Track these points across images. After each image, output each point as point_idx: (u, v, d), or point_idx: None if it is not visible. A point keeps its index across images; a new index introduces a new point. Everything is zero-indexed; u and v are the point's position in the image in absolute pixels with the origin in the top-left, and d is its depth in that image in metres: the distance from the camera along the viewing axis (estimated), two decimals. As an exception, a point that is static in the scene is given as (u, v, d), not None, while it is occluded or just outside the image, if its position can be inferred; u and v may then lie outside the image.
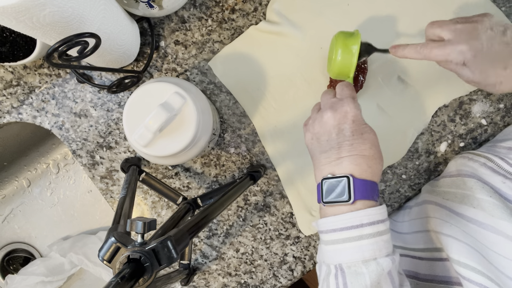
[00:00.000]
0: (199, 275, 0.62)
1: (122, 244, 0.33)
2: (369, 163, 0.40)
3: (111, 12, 0.46)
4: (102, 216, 0.85)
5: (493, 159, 0.47)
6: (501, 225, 0.40)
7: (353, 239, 0.38)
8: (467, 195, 0.46)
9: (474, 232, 0.42)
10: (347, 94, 0.43)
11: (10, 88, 0.61)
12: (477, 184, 0.45)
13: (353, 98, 0.43)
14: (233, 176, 0.61)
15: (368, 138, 0.41)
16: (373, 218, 0.38)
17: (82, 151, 0.61)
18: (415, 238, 0.53)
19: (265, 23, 0.59)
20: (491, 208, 0.41)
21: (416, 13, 0.58)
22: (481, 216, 0.42)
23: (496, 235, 0.40)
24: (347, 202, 0.38)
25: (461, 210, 0.45)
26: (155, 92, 0.45)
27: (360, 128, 0.41)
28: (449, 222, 0.46)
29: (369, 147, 0.40)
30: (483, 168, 0.47)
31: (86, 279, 0.86)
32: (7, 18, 0.35)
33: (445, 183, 0.52)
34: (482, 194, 0.43)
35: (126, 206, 0.45)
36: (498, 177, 0.44)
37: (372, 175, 0.40)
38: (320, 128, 0.43)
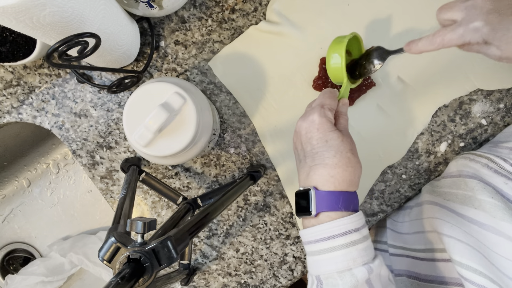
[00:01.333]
0: (199, 275, 0.62)
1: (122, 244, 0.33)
2: (332, 172, 0.39)
3: (111, 12, 0.46)
4: (102, 216, 0.85)
5: (495, 159, 0.46)
6: (503, 227, 0.39)
7: (326, 250, 0.38)
8: (468, 196, 0.46)
9: (475, 233, 0.42)
10: (317, 102, 0.43)
11: (10, 88, 0.61)
12: (478, 185, 0.45)
13: (321, 106, 0.42)
14: (233, 176, 0.61)
15: (333, 145, 0.40)
16: (344, 228, 0.38)
17: (82, 151, 0.61)
18: (416, 239, 0.53)
19: (265, 23, 0.59)
20: (493, 209, 0.41)
21: (416, 12, 0.58)
22: (482, 217, 0.42)
23: (498, 236, 0.39)
24: (310, 215, 0.39)
25: (462, 210, 0.45)
26: (155, 92, 0.45)
27: (325, 135, 0.40)
28: (450, 223, 0.45)
29: (332, 155, 0.39)
30: (484, 169, 0.47)
31: (86, 279, 0.86)
32: (7, 18, 0.35)
33: (446, 183, 0.52)
34: (484, 195, 0.43)
35: (126, 206, 0.45)
36: (500, 178, 0.44)
37: (336, 184, 0.39)
38: (296, 137, 0.43)
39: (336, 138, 0.40)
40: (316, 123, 0.41)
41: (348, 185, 0.39)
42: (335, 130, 0.41)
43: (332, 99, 0.44)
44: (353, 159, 0.40)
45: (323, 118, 0.41)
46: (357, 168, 0.40)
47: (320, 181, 0.39)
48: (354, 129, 0.59)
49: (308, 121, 0.42)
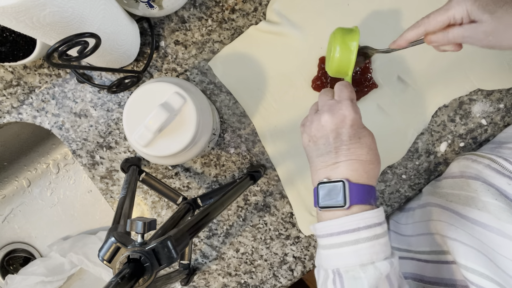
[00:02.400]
0: (199, 275, 0.62)
1: (122, 244, 0.33)
2: (366, 168, 0.40)
3: (111, 12, 0.46)
4: (102, 216, 0.85)
5: (498, 160, 0.46)
6: (508, 228, 0.39)
7: (350, 243, 0.38)
8: (471, 197, 0.45)
9: (479, 235, 0.42)
10: (345, 96, 0.42)
11: (10, 88, 0.61)
12: (482, 186, 0.45)
13: (351, 100, 0.42)
14: (233, 176, 0.61)
15: (366, 142, 0.40)
16: (369, 222, 0.38)
17: (82, 151, 0.61)
18: (420, 241, 0.52)
19: (265, 23, 0.59)
20: (497, 211, 0.41)
21: (416, 12, 0.58)
22: (486, 218, 0.42)
23: (503, 238, 0.39)
24: (343, 207, 0.38)
25: (466, 212, 0.45)
26: (155, 92, 0.45)
27: (358, 132, 0.40)
28: (454, 225, 0.45)
29: (366, 152, 0.40)
30: (487, 170, 0.46)
31: (86, 279, 0.86)
32: (7, 18, 0.35)
33: (447, 184, 0.52)
34: (488, 197, 0.43)
35: (126, 206, 0.45)
36: (504, 179, 0.44)
37: (369, 179, 0.40)
38: (318, 131, 0.42)
39: (367, 135, 0.41)
40: (349, 119, 0.40)
41: (375, 180, 0.41)
42: (365, 127, 0.41)
43: (353, 92, 0.43)
44: (379, 156, 0.41)
45: (356, 114, 0.41)
46: (379, 165, 0.42)
47: (353, 175, 0.39)
48: (354, 129, 0.59)
49: (338, 116, 0.40)
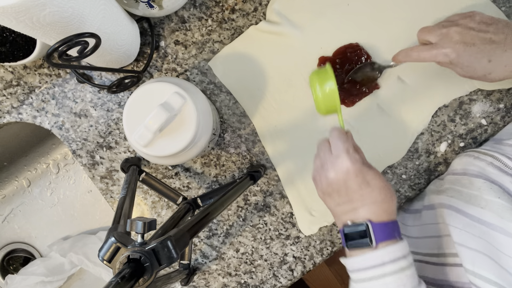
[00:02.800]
0: (199, 275, 0.62)
1: (122, 244, 0.33)
2: (383, 207, 0.42)
3: (111, 12, 0.46)
4: (102, 216, 0.85)
5: (500, 158, 0.46)
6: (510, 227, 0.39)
7: (377, 277, 0.40)
8: (474, 195, 0.46)
9: (484, 234, 0.42)
10: (341, 149, 0.43)
11: (10, 88, 0.61)
12: (485, 184, 0.45)
13: (347, 152, 0.43)
14: (233, 176, 0.61)
15: (375, 184, 0.42)
16: (394, 256, 0.40)
17: (82, 151, 0.61)
18: (428, 243, 0.52)
19: (265, 23, 0.59)
20: (501, 209, 0.41)
21: (416, 13, 0.58)
22: (489, 216, 0.42)
23: (506, 237, 0.40)
24: (370, 246, 0.41)
25: (470, 210, 0.45)
26: (155, 92, 0.45)
27: (365, 178, 0.42)
28: (460, 228, 0.45)
29: (378, 193, 0.42)
30: (490, 167, 0.47)
31: (86, 279, 0.86)
32: (7, 18, 0.35)
33: (450, 180, 0.52)
34: (491, 195, 0.43)
35: (126, 206, 0.45)
36: (507, 177, 0.44)
37: (388, 216, 0.42)
38: (328, 187, 0.44)
39: (374, 177, 0.42)
40: (352, 171, 0.42)
41: (395, 213, 0.43)
42: (369, 169, 0.43)
43: (348, 140, 0.44)
44: (391, 189, 0.44)
45: (356, 164, 0.42)
46: (395, 196, 0.44)
47: (374, 216, 0.42)
48: (354, 128, 0.59)
49: (342, 171, 0.42)
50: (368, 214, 0.42)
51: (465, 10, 0.57)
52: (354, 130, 0.59)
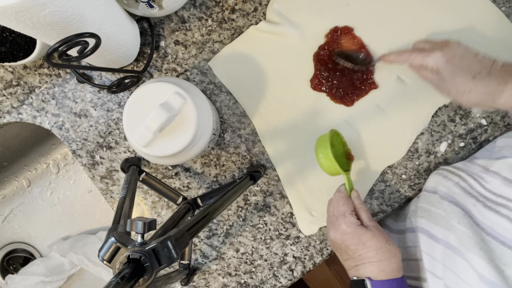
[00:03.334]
0: (199, 275, 0.62)
1: (122, 244, 0.33)
2: (381, 267, 0.44)
3: (111, 12, 0.46)
4: (102, 216, 0.85)
5: (467, 179, 0.48)
6: (470, 257, 0.41)
7: None
8: (441, 215, 0.48)
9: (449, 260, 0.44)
10: (340, 212, 0.48)
11: (10, 88, 0.61)
12: (449, 207, 0.47)
13: (343, 215, 0.47)
14: (233, 176, 0.61)
15: (372, 245, 0.45)
16: None
17: (82, 151, 0.61)
18: (411, 266, 0.53)
19: (265, 23, 0.59)
20: (461, 235, 0.43)
21: (415, 13, 0.58)
22: (453, 240, 0.44)
23: (465, 263, 0.42)
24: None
25: (437, 232, 0.48)
26: (155, 92, 0.45)
27: (361, 239, 0.45)
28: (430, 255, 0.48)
29: (375, 254, 0.45)
30: (456, 188, 0.49)
31: (86, 279, 0.86)
32: (7, 18, 0.35)
33: (423, 198, 0.54)
34: (453, 220, 0.45)
35: (126, 206, 0.45)
36: (470, 199, 0.46)
37: (387, 275, 0.44)
38: (332, 244, 0.49)
39: (370, 238, 0.45)
40: (347, 232, 0.46)
41: (397, 273, 0.45)
42: (366, 231, 0.46)
43: (347, 203, 0.49)
44: (392, 249, 0.45)
45: (351, 226, 0.46)
46: (397, 254, 0.46)
47: (372, 274, 0.45)
48: (354, 129, 0.59)
49: (339, 232, 0.47)
50: (367, 272, 0.45)
51: (465, 10, 0.57)
52: (354, 130, 0.59)
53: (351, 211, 0.48)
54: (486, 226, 0.42)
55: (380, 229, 0.47)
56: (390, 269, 0.44)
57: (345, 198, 0.49)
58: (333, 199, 0.51)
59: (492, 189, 0.45)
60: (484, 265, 0.39)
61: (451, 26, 0.57)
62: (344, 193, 0.51)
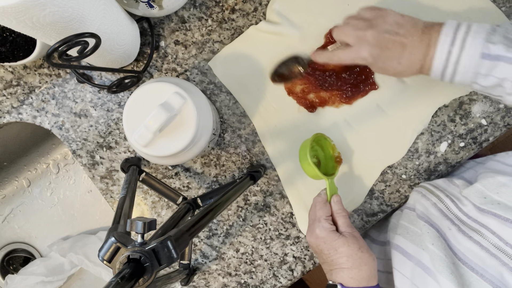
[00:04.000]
0: (199, 275, 0.62)
1: (122, 244, 0.33)
2: (350, 274, 0.45)
3: (111, 12, 0.46)
4: (102, 216, 0.85)
5: (444, 200, 0.49)
6: (440, 280, 0.41)
7: None
8: (418, 234, 0.48)
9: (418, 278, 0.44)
10: (318, 215, 0.49)
11: (10, 88, 0.61)
12: (424, 227, 0.47)
13: (318, 220, 0.48)
14: (233, 176, 0.61)
15: (343, 252, 0.45)
16: None
17: (82, 151, 0.61)
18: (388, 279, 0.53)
19: (265, 23, 0.59)
20: (433, 256, 0.43)
21: (415, 12, 0.58)
22: (427, 260, 0.44)
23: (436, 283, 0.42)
24: None
25: (412, 251, 0.48)
26: (155, 92, 0.45)
27: (333, 245, 0.46)
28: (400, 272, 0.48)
29: (346, 260, 0.45)
30: (433, 209, 0.49)
31: (86, 279, 0.86)
32: (7, 18, 0.35)
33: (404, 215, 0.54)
34: (427, 241, 0.46)
35: (126, 206, 0.45)
36: (446, 222, 0.46)
37: (357, 282, 0.44)
38: (311, 247, 0.50)
39: (342, 244, 0.45)
40: (320, 237, 0.47)
41: (368, 281, 0.45)
42: (339, 237, 0.46)
43: (323, 208, 0.49)
44: (364, 257, 0.46)
45: (323, 232, 0.47)
46: (370, 263, 0.45)
47: (343, 280, 0.45)
48: (354, 129, 0.59)
49: (313, 236, 0.48)
50: (338, 278, 0.46)
51: (464, 9, 0.57)
52: (354, 130, 0.59)
53: (326, 216, 0.48)
54: (459, 251, 0.42)
55: (355, 236, 0.47)
56: (360, 277, 0.45)
57: (322, 203, 0.50)
58: (312, 203, 0.51)
59: (468, 213, 0.45)
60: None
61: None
62: (323, 197, 0.51)
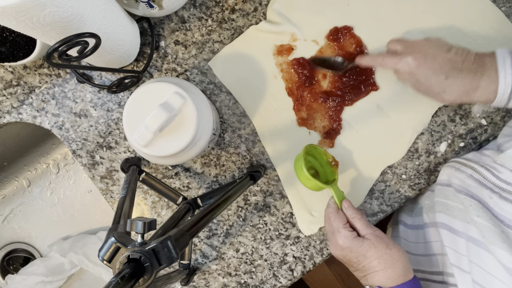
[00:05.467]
0: (199, 275, 0.62)
1: (122, 244, 0.33)
2: (386, 275, 0.44)
3: (111, 12, 0.46)
4: (102, 216, 0.85)
5: (480, 170, 0.48)
6: (494, 251, 0.41)
7: None
8: (459, 208, 0.47)
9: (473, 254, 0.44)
10: (335, 227, 0.48)
11: (10, 88, 0.61)
12: (465, 200, 0.47)
13: (338, 230, 0.47)
14: (233, 176, 0.61)
15: (371, 255, 0.45)
16: None
17: (82, 151, 0.61)
18: (432, 261, 0.53)
19: (265, 23, 0.59)
20: (482, 228, 0.43)
21: (415, 12, 0.58)
22: (474, 232, 0.44)
23: (490, 255, 0.41)
24: None
25: (457, 226, 0.47)
26: (155, 92, 0.45)
27: (360, 252, 0.45)
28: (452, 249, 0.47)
29: (377, 263, 0.45)
30: (470, 180, 0.48)
31: (86, 279, 0.86)
32: (7, 18, 0.35)
33: (439, 192, 0.53)
34: (471, 213, 0.45)
35: (126, 206, 0.45)
36: (486, 191, 0.45)
37: (394, 281, 0.44)
38: (336, 257, 0.49)
39: (369, 248, 0.45)
40: (345, 247, 0.46)
41: (405, 276, 0.45)
42: (363, 241, 0.46)
43: (338, 218, 0.49)
44: (394, 253, 0.45)
45: (346, 241, 0.46)
46: (401, 257, 0.45)
47: (381, 283, 0.45)
48: (354, 128, 0.59)
49: (338, 248, 0.47)
50: (375, 282, 0.45)
51: (464, 9, 0.57)
52: (354, 130, 0.59)
53: (343, 225, 0.47)
54: (505, 218, 0.42)
55: (379, 235, 0.46)
56: (396, 274, 0.44)
57: (335, 213, 0.49)
58: (325, 215, 0.51)
59: (506, 179, 0.44)
60: (509, 257, 0.39)
61: (451, 26, 0.57)
62: (333, 207, 0.50)
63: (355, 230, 0.47)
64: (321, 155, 0.56)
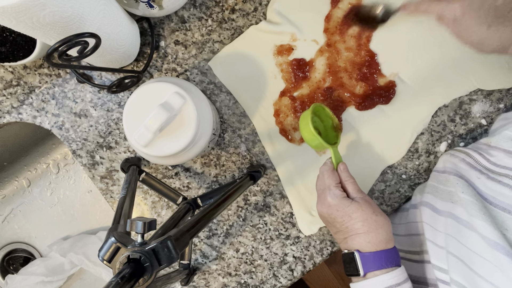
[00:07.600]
0: (199, 275, 0.62)
1: (122, 244, 0.33)
2: (367, 238, 0.44)
3: (111, 12, 0.46)
4: (102, 216, 0.85)
5: (472, 154, 0.48)
6: (475, 223, 0.40)
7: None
8: (449, 191, 0.47)
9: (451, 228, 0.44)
10: (324, 184, 0.48)
11: (10, 88, 0.61)
12: (454, 179, 0.47)
13: (328, 188, 0.47)
14: (233, 176, 0.61)
15: (357, 217, 0.45)
16: (384, 285, 0.42)
17: (82, 151, 0.61)
18: (412, 241, 0.53)
19: (265, 23, 0.59)
20: (466, 204, 0.43)
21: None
22: (459, 211, 0.44)
23: (471, 231, 0.41)
24: (359, 275, 0.43)
25: (442, 207, 0.47)
26: (155, 92, 0.45)
27: (346, 211, 0.45)
28: (432, 227, 0.47)
29: (361, 225, 0.44)
30: (462, 163, 0.49)
31: (86, 279, 0.86)
32: (7, 18, 0.35)
33: (433, 177, 0.53)
34: (458, 191, 0.45)
35: (126, 206, 0.45)
36: (474, 172, 0.46)
37: (375, 246, 0.44)
38: (322, 219, 0.49)
39: (356, 210, 0.45)
40: (332, 205, 0.46)
41: (386, 244, 0.44)
42: (351, 202, 0.45)
43: (332, 176, 0.49)
44: (380, 219, 0.45)
45: (335, 199, 0.46)
46: (386, 225, 0.45)
47: (360, 246, 0.44)
48: (354, 128, 0.59)
49: (325, 205, 0.47)
50: (354, 244, 0.45)
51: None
52: (354, 129, 0.59)
53: (336, 184, 0.48)
54: (489, 196, 0.42)
55: (367, 200, 0.46)
56: (377, 240, 0.44)
57: (330, 171, 0.49)
58: (319, 173, 0.50)
59: (496, 162, 0.44)
60: (488, 228, 0.39)
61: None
62: (329, 166, 0.50)
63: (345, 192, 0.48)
64: (328, 118, 0.56)
